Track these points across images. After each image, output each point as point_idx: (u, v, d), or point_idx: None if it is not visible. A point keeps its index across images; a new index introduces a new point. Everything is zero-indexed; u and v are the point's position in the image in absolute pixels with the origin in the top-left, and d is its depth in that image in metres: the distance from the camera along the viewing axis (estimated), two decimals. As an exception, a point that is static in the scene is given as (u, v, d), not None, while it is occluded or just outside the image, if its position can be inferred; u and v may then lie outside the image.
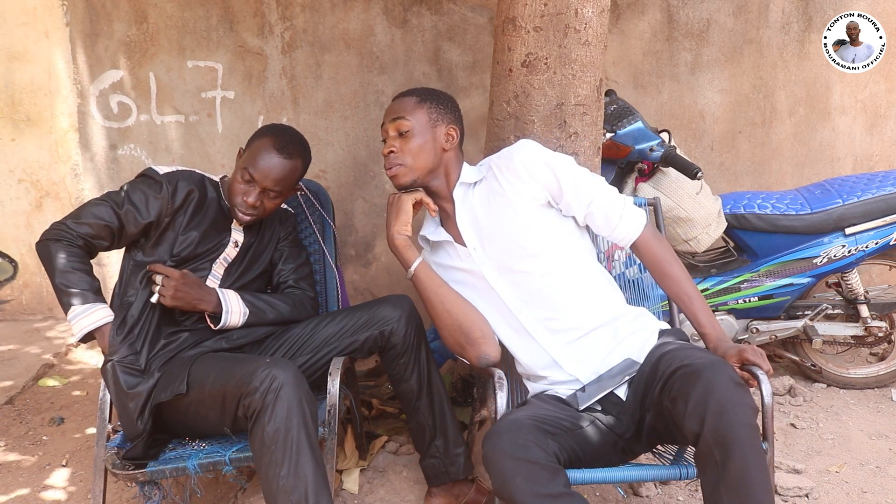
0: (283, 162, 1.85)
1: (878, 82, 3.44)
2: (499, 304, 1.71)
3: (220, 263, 1.92)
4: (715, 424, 1.34)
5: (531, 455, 1.38)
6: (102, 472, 1.75)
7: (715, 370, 1.40)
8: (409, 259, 1.72)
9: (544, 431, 1.46)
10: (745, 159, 3.48)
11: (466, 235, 1.73)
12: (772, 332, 2.64)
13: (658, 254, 1.70)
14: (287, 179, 1.88)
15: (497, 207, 1.70)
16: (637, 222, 1.70)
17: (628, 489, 2.13)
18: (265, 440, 1.53)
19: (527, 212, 1.68)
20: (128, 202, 1.81)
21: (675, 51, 3.36)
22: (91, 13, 3.20)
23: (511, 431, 1.43)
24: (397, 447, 2.30)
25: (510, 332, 1.72)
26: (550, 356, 1.67)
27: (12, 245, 3.39)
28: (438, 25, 3.28)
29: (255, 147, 1.87)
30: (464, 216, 1.75)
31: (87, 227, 1.79)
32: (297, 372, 1.62)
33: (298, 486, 1.50)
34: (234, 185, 1.87)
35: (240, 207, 1.87)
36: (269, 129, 1.92)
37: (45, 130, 3.29)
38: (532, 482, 1.35)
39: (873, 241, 2.52)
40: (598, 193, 1.70)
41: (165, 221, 1.83)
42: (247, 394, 1.56)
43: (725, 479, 1.33)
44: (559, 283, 1.67)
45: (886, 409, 2.63)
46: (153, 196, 1.82)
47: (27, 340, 3.23)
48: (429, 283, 1.71)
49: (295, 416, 1.54)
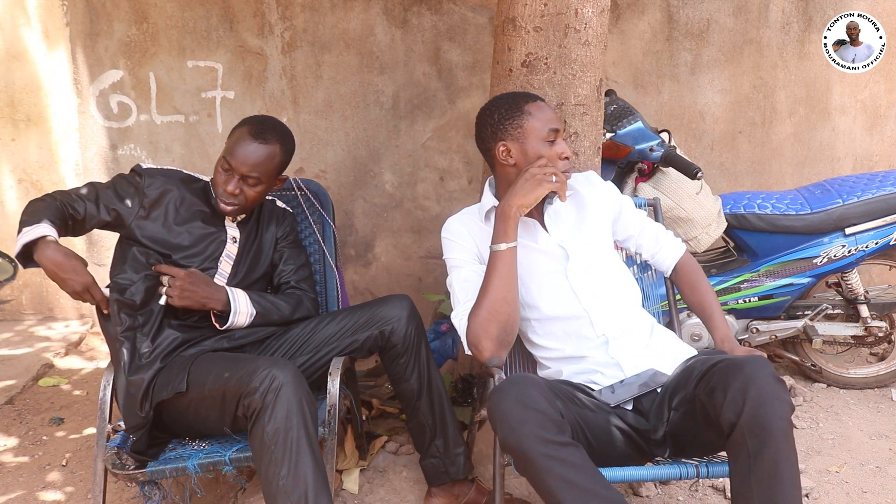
0: (258, 147, 1.84)
1: (878, 82, 3.44)
2: (563, 287, 1.78)
3: (225, 261, 1.92)
4: (752, 414, 1.35)
5: (540, 406, 1.39)
6: (102, 472, 1.75)
7: (756, 364, 1.42)
8: (511, 235, 1.69)
9: (553, 393, 1.48)
10: (745, 159, 3.48)
11: (551, 224, 1.84)
12: (772, 332, 2.64)
13: (695, 267, 1.96)
14: (264, 165, 1.86)
15: (582, 211, 1.87)
16: (681, 244, 2.00)
17: (628, 489, 2.13)
18: (265, 440, 1.52)
19: (604, 220, 1.89)
20: (109, 187, 1.88)
21: (675, 51, 3.36)
22: (91, 13, 3.20)
23: (519, 384, 1.44)
24: (397, 447, 2.30)
25: (566, 312, 1.77)
26: (605, 335, 1.73)
27: (12, 245, 3.38)
28: (438, 25, 3.28)
29: (233, 137, 1.89)
30: (550, 210, 1.86)
31: (66, 194, 1.86)
32: (297, 372, 1.62)
33: (298, 486, 1.50)
34: (215, 177, 1.89)
35: (221, 197, 1.87)
36: (246, 120, 1.94)
37: (45, 130, 3.29)
38: (541, 428, 1.36)
39: (873, 241, 2.52)
40: (648, 219, 2.01)
41: (140, 213, 1.85)
42: (247, 393, 1.56)
43: (757, 469, 1.35)
44: (620, 280, 1.84)
45: (886, 409, 2.63)
46: (132, 186, 1.88)
47: (27, 340, 3.23)
48: (510, 267, 1.69)
49: (295, 416, 1.54)
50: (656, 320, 1.89)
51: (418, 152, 3.38)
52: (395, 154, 3.39)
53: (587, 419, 1.56)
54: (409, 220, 3.45)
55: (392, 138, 3.37)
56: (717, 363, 1.50)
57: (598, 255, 1.83)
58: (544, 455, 1.35)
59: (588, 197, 1.90)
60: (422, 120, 3.35)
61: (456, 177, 3.41)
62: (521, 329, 1.84)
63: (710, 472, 1.55)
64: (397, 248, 3.48)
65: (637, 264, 2.11)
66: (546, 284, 1.78)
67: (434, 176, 3.41)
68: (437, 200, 3.43)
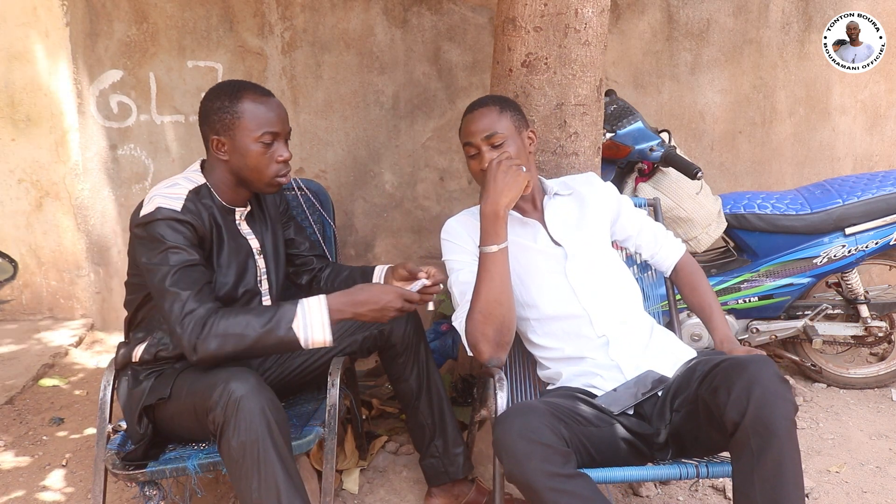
0: (277, 101, 1.74)
1: (878, 82, 3.44)
2: (562, 286, 1.78)
3: (260, 254, 1.81)
4: (756, 414, 1.36)
5: (544, 438, 1.39)
6: (102, 472, 1.74)
7: (760, 364, 1.43)
8: (501, 236, 1.67)
9: (556, 418, 1.47)
10: (745, 159, 3.48)
11: (552, 224, 1.85)
12: (772, 332, 2.64)
13: (695, 268, 1.97)
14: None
15: (583, 210, 1.88)
16: (681, 245, 2.01)
17: (628, 489, 2.13)
18: (232, 455, 1.49)
19: (603, 221, 1.90)
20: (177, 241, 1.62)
21: (675, 51, 3.36)
22: (91, 13, 3.20)
23: (523, 415, 1.43)
24: (397, 447, 2.30)
25: (565, 312, 1.76)
26: (605, 335, 1.73)
27: (12, 245, 3.39)
28: (438, 25, 3.28)
29: (246, 109, 1.67)
30: (550, 209, 1.87)
31: (196, 284, 1.58)
32: (257, 380, 1.54)
33: (270, 498, 1.48)
34: (259, 160, 1.68)
35: (280, 172, 1.71)
36: (231, 87, 1.70)
37: (45, 130, 3.29)
38: (546, 462, 1.36)
39: (873, 241, 2.52)
40: (647, 219, 2.02)
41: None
42: (209, 409, 1.51)
43: (760, 468, 1.35)
44: (619, 280, 1.84)
45: (886, 409, 2.63)
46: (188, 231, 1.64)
47: (27, 340, 3.23)
48: (502, 268, 1.67)
49: (258, 427, 1.48)
50: (656, 321, 1.90)
51: (418, 152, 3.39)
52: (395, 154, 3.39)
53: (591, 436, 1.55)
54: (409, 220, 3.45)
55: (392, 138, 3.37)
56: (720, 363, 1.50)
57: (598, 254, 1.83)
58: (550, 489, 1.35)
59: (588, 197, 1.90)
60: (422, 120, 3.35)
61: (456, 177, 3.41)
62: (521, 329, 1.84)
63: (710, 472, 1.55)
64: (397, 248, 3.48)
65: (637, 264, 2.11)
66: (546, 284, 1.78)
67: (434, 176, 3.41)
68: (437, 200, 3.43)
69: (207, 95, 1.72)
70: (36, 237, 3.39)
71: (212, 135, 1.69)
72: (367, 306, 1.62)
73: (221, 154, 1.70)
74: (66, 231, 3.38)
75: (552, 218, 1.85)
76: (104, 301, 3.45)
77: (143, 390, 1.69)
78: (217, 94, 1.70)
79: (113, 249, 3.41)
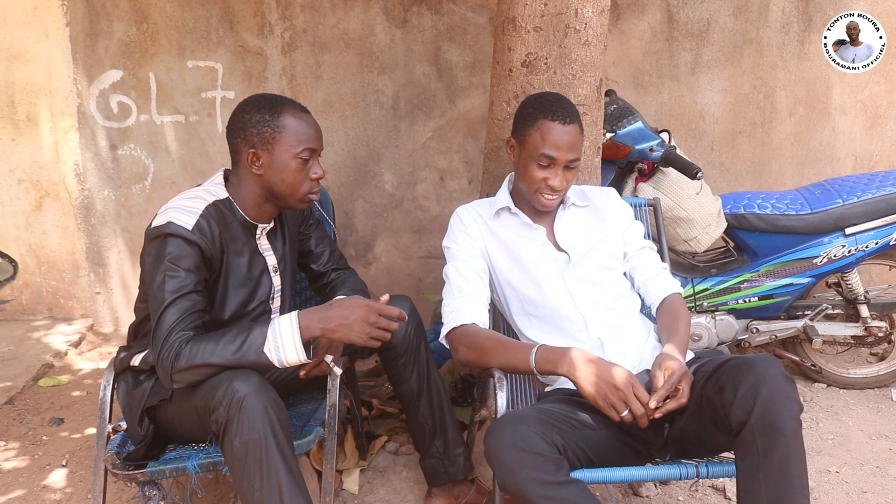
0: (313, 118, 1.71)
1: (878, 82, 3.44)
2: (560, 289, 1.79)
3: (276, 271, 1.80)
4: (763, 413, 1.36)
5: (535, 447, 1.39)
6: (102, 472, 1.74)
7: (766, 363, 1.43)
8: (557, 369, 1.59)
9: (549, 424, 1.48)
10: (745, 159, 3.48)
11: (560, 231, 1.85)
12: (772, 332, 2.64)
13: (682, 304, 1.83)
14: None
15: (596, 223, 1.88)
16: (676, 282, 1.89)
17: (628, 489, 2.13)
18: (235, 454, 1.49)
19: (615, 233, 1.88)
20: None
21: (675, 51, 3.36)
22: (91, 13, 3.20)
23: (514, 424, 1.44)
24: (397, 447, 2.30)
25: (562, 314, 1.78)
26: (599, 338, 1.74)
27: (12, 245, 3.39)
28: (438, 25, 3.28)
29: (288, 123, 1.65)
30: (563, 218, 1.87)
31: (184, 312, 1.56)
32: (260, 380, 1.54)
33: (273, 497, 1.48)
34: (295, 176, 1.66)
35: (313, 189, 1.71)
36: (270, 101, 1.69)
37: (45, 130, 3.29)
38: (538, 471, 1.36)
39: (873, 241, 2.52)
40: (651, 252, 1.93)
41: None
42: (212, 408, 1.51)
43: (766, 467, 1.36)
44: (617, 289, 1.83)
45: (886, 409, 2.63)
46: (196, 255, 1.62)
47: (27, 340, 3.23)
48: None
49: (261, 427, 1.48)
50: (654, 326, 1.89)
51: (418, 152, 3.39)
52: (395, 154, 3.39)
53: (588, 439, 1.55)
54: (409, 220, 3.45)
55: (392, 138, 3.37)
56: (725, 362, 1.51)
57: (600, 263, 1.84)
58: (543, 497, 1.35)
59: (604, 211, 1.91)
60: (422, 120, 3.36)
61: (456, 177, 3.41)
62: (520, 326, 1.85)
63: (710, 472, 1.55)
64: (397, 249, 3.48)
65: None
66: (546, 285, 1.80)
67: (434, 176, 3.41)
68: (437, 200, 3.43)
69: (243, 108, 1.68)
70: (36, 237, 3.39)
71: (248, 148, 1.65)
72: (336, 321, 1.56)
73: (255, 168, 1.66)
74: (65, 231, 3.38)
75: (562, 226, 1.86)
76: (104, 301, 3.46)
77: (143, 391, 1.70)
78: (255, 106, 1.67)
79: (113, 250, 3.41)
